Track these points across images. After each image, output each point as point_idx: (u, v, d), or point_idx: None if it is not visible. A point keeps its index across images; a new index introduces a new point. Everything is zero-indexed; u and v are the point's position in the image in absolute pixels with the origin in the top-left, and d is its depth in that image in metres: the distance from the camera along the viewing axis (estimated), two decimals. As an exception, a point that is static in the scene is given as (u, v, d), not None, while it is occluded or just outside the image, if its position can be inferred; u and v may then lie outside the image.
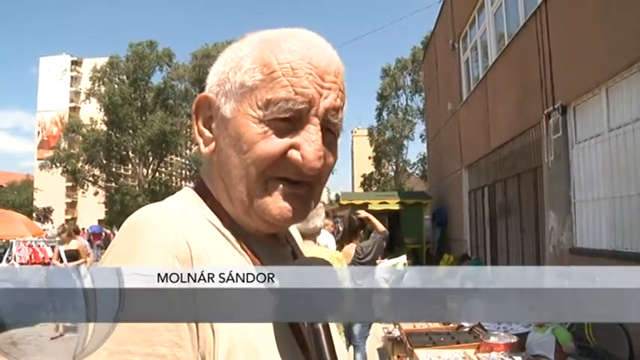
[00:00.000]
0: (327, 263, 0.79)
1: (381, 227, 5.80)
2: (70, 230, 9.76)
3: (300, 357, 0.76)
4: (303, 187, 0.80)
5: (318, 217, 3.75)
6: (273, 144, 0.76)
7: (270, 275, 0.78)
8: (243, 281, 0.75)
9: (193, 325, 0.68)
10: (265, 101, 0.76)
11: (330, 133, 0.80)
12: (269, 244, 0.86)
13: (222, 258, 0.76)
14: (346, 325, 5.62)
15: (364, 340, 5.92)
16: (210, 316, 0.70)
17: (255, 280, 0.77)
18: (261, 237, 0.84)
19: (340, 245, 6.12)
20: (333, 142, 0.82)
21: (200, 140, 0.84)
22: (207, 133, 0.83)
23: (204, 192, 0.85)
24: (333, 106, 0.78)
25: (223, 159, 0.81)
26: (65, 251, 9.10)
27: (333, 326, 0.82)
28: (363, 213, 6.04)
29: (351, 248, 5.76)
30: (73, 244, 9.32)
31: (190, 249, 0.71)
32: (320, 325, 0.73)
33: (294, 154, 0.76)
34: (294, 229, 1.05)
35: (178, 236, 0.71)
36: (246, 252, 0.80)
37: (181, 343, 0.67)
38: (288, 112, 0.75)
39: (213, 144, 0.82)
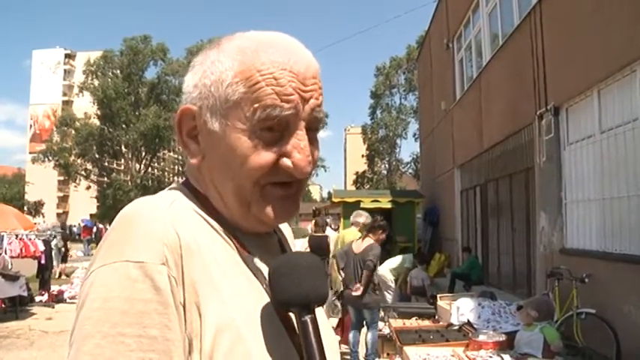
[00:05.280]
0: (315, 257, 0.82)
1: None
2: None
3: (287, 341, 0.78)
4: (293, 186, 0.84)
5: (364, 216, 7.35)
6: (265, 156, 0.79)
7: (257, 263, 0.84)
8: (229, 269, 0.79)
9: (181, 308, 0.71)
10: (252, 111, 0.78)
11: (313, 131, 0.84)
12: (257, 234, 0.88)
13: (211, 246, 0.78)
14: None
15: (376, 325, 6.26)
16: (197, 301, 0.72)
17: (241, 267, 0.81)
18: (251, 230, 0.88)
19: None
20: (315, 139, 0.86)
21: (186, 151, 0.87)
22: (193, 144, 0.86)
23: (192, 189, 0.88)
24: (316, 105, 0.82)
25: (215, 172, 0.84)
26: None
27: (322, 316, 0.85)
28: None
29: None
30: None
31: (179, 237, 0.74)
32: (307, 317, 0.75)
33: (285, 162, 0.80)
34: None
35: (167, 225, 0.74)
36: (233, 241, 0.83)
37: (170, 325, 0.69)
38: (275, 120, 0.78)
39: (201, 155, 0.85)
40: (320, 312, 0.85)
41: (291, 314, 0.78)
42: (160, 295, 0.69)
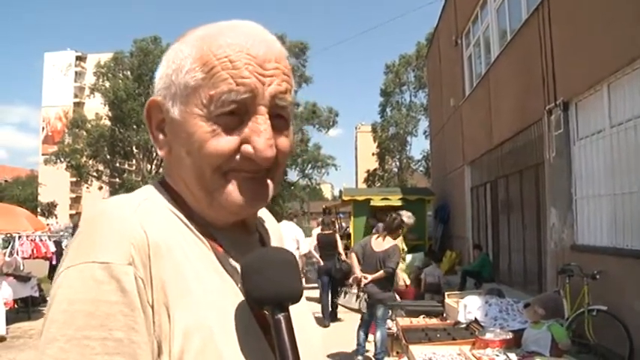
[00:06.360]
0: (289, 253, 0.80)
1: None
2: None
3: (262, 342, 0.76)
4: (260, 172, 0.80)
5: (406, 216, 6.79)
6: (224, 141, 0.77)
7: (232, 262, 0.81)
8: (202, 268, 0.76)
9: (149, 310, 0.69)
10: (209, 97, 0.76)
11: (280, 118, 0.81)
12: (233, 232, 0.86)
13: (182, 245, 0.76)
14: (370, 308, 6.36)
15: (385, 322, 6.30)
16: (166, 302, 0.71)
17: (215, 266, 0.79)
18: (225, 226, 0.85)
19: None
20: (285, 126, 0.82)
21: (155, 144, 0.85)
22: (161, 137, 0.84)
23: (166, 186, 0.86)
24: (278, 91, 0.79)
25: (178, 160, 0.82)
26: None
27: (302, 314, 0.82)
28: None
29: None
30: None
31: (147, 236, 0.72)
32: (280, 315, 0.73)
33: (246, 147, 0.77)
34: (268, 216, 1.05)
35: (135, 224, 0.72)
36: (207, 239, 0.81)
37: (136, 327, 0.68)
38: (232, 105, 0.76)
39: (167, 147, 0.83)
40: (301, 309, 0.83)
41: (266, 312, 0.76)
42: (126, 296, 0.68)
